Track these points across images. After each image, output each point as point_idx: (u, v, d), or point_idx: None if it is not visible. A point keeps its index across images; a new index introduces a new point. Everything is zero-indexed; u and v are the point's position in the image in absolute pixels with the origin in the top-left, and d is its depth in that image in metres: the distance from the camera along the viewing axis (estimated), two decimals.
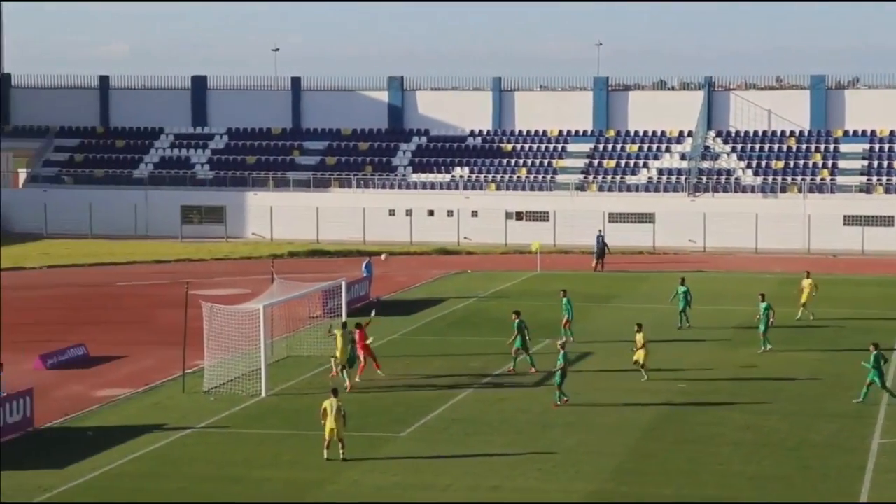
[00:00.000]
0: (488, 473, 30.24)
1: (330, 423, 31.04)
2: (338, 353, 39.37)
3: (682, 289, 49.99)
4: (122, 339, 48.40)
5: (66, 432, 34.43)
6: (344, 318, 44.88)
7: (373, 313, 43.69)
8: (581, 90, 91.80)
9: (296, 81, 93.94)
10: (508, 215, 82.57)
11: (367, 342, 40.14)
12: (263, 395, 38.03)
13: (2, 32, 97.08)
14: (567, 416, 35.70)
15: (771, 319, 45.39)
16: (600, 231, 75.39)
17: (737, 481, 29.73)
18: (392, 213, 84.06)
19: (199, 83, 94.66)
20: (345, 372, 39.22)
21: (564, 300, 47.50)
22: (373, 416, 35.78)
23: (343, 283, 45.90)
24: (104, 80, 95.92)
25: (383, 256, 55.61)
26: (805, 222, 78.54)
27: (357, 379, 39.40)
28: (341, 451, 31.04)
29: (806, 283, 52.38)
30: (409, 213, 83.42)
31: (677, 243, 79.45)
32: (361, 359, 39.86)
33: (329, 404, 31.23)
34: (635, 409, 36.67)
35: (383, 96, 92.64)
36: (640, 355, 40.18)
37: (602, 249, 69.42)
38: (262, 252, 75.79)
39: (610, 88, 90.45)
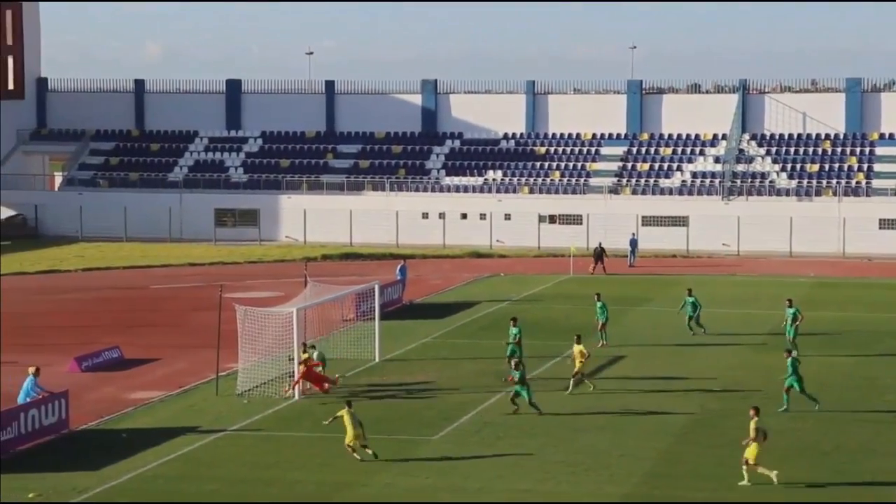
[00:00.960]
0: (520, 477, 30.28)
1: (351, 432, 31.39)
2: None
3: (689, 299, 49.23)
4: (156, 341, 48.68)
5: (100, 434, 34.68)
6: (377, 322, 44.90)
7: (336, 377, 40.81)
8: (615, 93, 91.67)
9: (330, 85, 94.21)
10: (541, 218, 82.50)
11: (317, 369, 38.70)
12: (296, 397, 38.17)
13: (39, 37, 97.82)
14: (599, 419, 35.69)
15: (797, 323, 45.23)
16: (634, 235, 75.42)
17: (769, 486, 29.63)
18: (425, 216, 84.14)
19: (233, 87, 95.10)
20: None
21: (599, 304, 47.41)
22: (405, 419, 35.86)
23: (376, 286, 45.97)
24: (139, 83, 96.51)
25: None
26: (840, 226, 78.17)
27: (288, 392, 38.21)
28: (369, 451, 31.33)
29: None
30: (441, 216, 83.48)
31: (711, 247, 79.20)
32: (297, 376, 38.09)
33: (344, 413, 31.64)
34: (667, 413, 36.60)
35: (417, 100, 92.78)
36: (578, 365, 39.26)
37: (600, 254, 69.21)
38: (296, 255, 76.01)
39: (644, 92, 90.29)
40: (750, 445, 29.76)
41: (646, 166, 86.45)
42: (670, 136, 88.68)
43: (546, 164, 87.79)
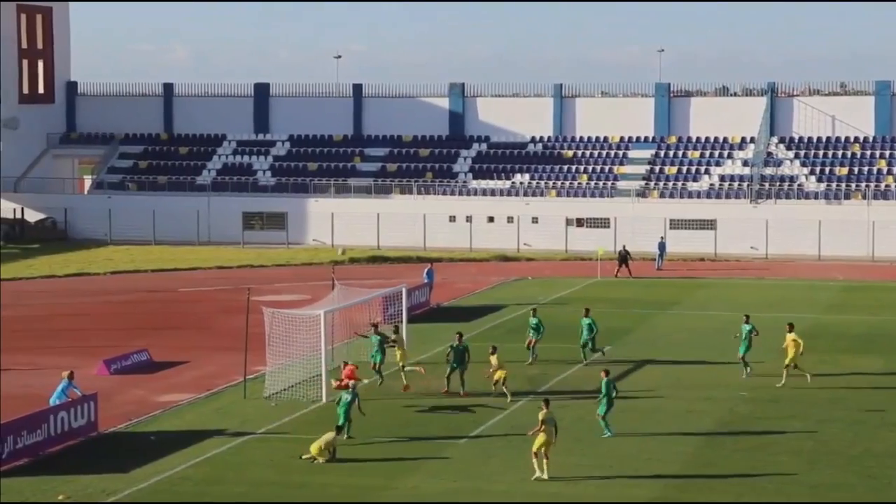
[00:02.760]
0: (547, 480, 30.26)
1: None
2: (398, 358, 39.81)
3: (585, 321, 44.80)
4: (184, 344, 48.86)
5: (129, 437, 34.86)
6: (404, 324, 44.94)
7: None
8: (642, 96, 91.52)
9: (357, 88, 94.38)
10: (569, 222, 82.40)
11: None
12: (324, 400, 38.22)
13: (69, 41, 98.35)
14: (626, 423, 35.61)
15: (750, 337, 41.78)
16: (662, 239, 75.28)
17: (797, 489, 29.57)
18: (452, 219, 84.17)
19: (261, 90, 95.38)
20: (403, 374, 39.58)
21: (534, 320, 44.93)
22: (432, 422, 35.91)
23: (403, 290, 46.03)
24: (168, 87, 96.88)
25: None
26: (869, 229, 77.80)
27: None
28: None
29: (789, 338, 41.24)
30: (469, 219, 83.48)
31: (739, 250, 78.94)
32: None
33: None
34: (695, 416, 36.53)
35: (444, 103, 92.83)
36: (499, 375, 38.44)
37: (624, 257, 68.99)
38: (323, 258, 76.17)
39: (671, 95, 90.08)
40: (537, 436, 30.29)
41: (673, 169, 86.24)
42: (698, 139, 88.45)
43: (573, 168, 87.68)
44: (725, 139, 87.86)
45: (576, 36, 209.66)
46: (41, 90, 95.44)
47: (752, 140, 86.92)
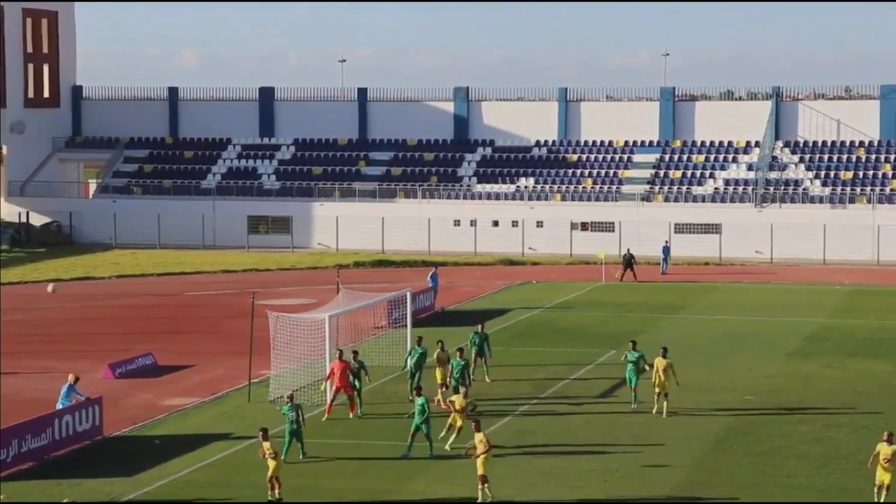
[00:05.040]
0: (554, 485, 30.21)
1: (273, 464, 29.24)
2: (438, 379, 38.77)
3: (417, 349, 39.69)
4: (189, 348, 48.84)
5: (134, 440, 34.83)
6: (409, 329, 44.85)
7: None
8: (647, 100, 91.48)
9: (362, 92, 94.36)
10: (573, 226, 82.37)
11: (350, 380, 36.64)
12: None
13: (75, 45, 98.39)
14: (633, 428, 35.58)
15: (644, 366, 37.96)
16: (667, 243, 75.20)
17: (805, 494, 29.50)
18: (457, 223, 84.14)
19: (266, 94, 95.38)
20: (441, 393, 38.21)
21: (419, 350, 39.65)
22: (439, 427, 35.78)
23: (408, 293, 45.98)
24: (173, 91, 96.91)
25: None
26: (874, 233, 77.70)
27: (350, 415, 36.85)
28: (278, 493, 29.13)
29: (660, 363, 37.58)
30: (473, 223, 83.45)
31: (744, 254, 78.88)
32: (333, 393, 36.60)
33: (267, 446, 29.39)
34: (702, 421, 36.45)
35: (449, 107, 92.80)
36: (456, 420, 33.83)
37: (629, 261, 68.87)
38: (328, 262, 76.17)
39: (676, 99, 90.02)
40: (479, 458, 28.81)
41: (678, 173, 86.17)
42: (703, 143, 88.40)
43: (578, 172, 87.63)
44: (730, 143, 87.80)
45: (581, 40, 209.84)
46: (46, 94, 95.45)
47: (757, 144, 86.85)
